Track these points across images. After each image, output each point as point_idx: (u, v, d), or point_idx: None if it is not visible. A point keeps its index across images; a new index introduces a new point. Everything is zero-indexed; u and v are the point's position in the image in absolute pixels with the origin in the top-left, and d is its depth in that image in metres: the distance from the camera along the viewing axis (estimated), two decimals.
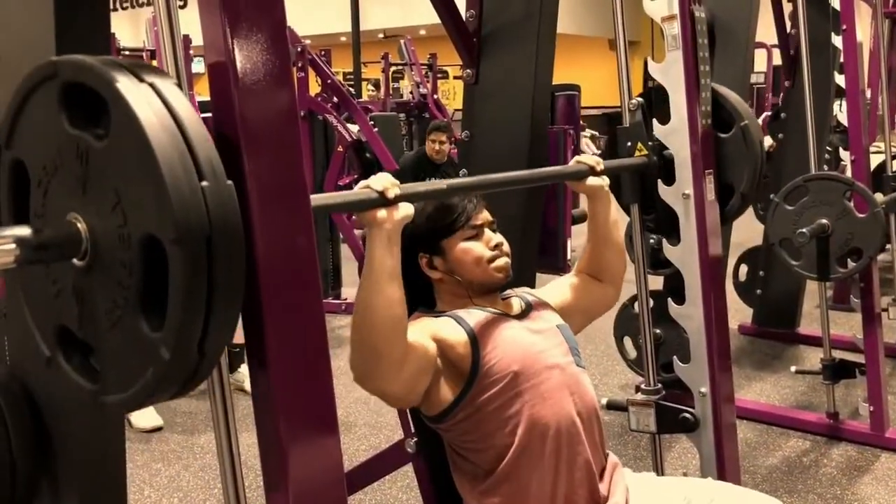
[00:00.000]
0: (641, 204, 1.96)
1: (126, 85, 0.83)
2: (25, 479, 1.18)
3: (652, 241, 2.81)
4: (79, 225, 0.88)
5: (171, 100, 0.84)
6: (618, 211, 1.86)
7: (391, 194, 1.29)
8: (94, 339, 0.91)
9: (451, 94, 13.19)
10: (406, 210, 1.33)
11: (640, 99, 1.94)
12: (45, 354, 0.96)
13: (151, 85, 0.84)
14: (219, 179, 0.84)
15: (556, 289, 1.81)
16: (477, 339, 1.52)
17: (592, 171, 1.73)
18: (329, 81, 5.36)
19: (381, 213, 1.29)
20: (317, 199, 1.13)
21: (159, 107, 0.83)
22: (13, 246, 0.84)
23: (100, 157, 0.86)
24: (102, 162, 0.86)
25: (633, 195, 1.94)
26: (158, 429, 3.30)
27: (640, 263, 1.99)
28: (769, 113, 6.23)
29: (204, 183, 0.82)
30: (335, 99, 5.45)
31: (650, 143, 1.93)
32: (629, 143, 1.94)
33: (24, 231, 0.86)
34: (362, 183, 1.31)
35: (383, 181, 1.30)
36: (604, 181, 1.75)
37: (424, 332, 1.50)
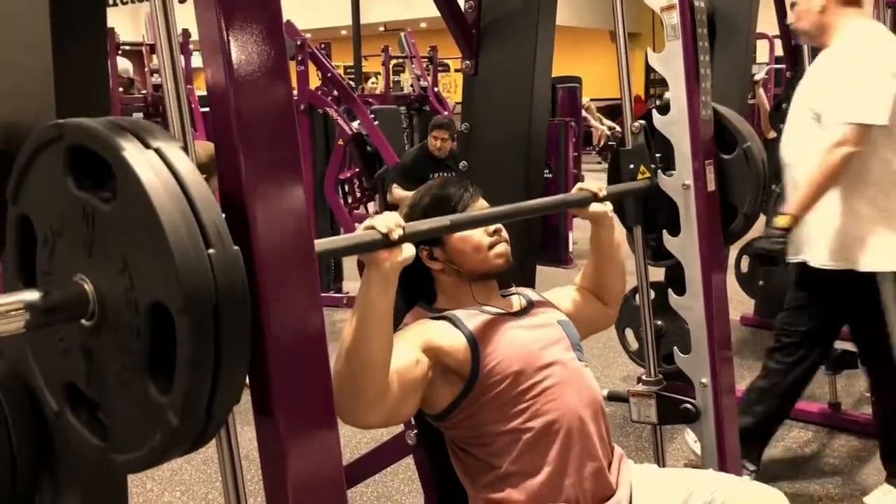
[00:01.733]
0: (644, 225, 1.96)
1: (131, 152, 0.83)
2: (26, 475, 1.19)
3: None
4: (86, 286, 0.88)
5: (177, 166, 0.84)
6: (620, 231, 1.87)
7: (395, 235, 1.26)
8: (102, 398, 0.91)
9: (452, 87, 13.17)
10: (408, 252, 1.29)
11: (642, 122, 1.94)
12: (53, 409, 0.96)
13: (157, 150, 0.84)
14: (226, 246, 0.84)
15: (559, 296, 1.81)
16: (476, 343, 1.51)
17: (595, 198, 1.73)
18: (329, 75, 5.36)
19: (382, 253, 1.27)
20: (321, 244, 1.13)
21: (165, 174, 0.83)
22: (23, 311, 0.85)
23: (106, 221, 0.86)
24: (109, 225, 0.86)
25: (636, 218, 1.95)
26: None
27: (640, 255, 1.98)
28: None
29: (211, 250, 0.82)
30: (335, 92, 5.44)
31: (653, 165, 1.92)
32: (631, 166, 1.94)
33: (33, 295, 0.86)
34: (367, 222, 1.29)
35: (388, 221, 1.27)
36: (607, 207, 1.75)
37: (417, 342, 1.48)
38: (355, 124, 5.19)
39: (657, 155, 1.94)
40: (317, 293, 1.03)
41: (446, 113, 7.57)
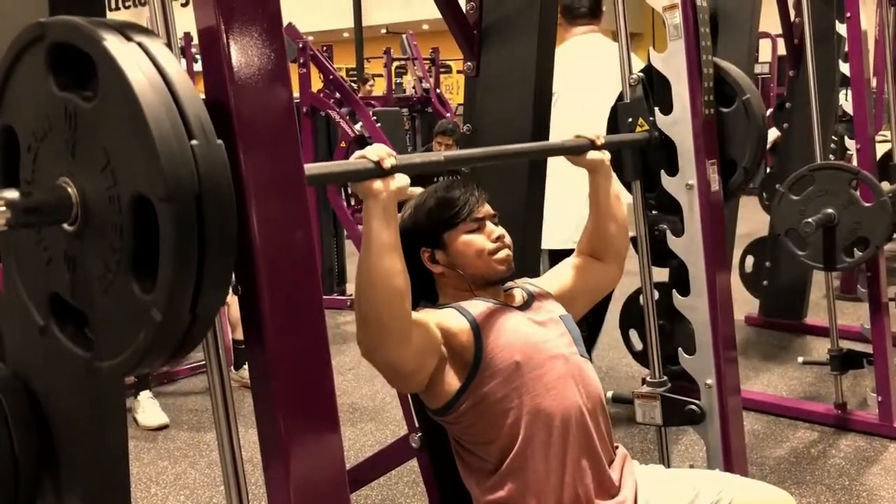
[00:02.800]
0: (643, 181, 1.94)
1: (114, 44, 0.82)
2: (29, 477, 1.18)
3: (657, 232, 2.80)
4: (69, 189, 0.87)
5: (160, 58, 0.83)
6: (619, 188, 1.84)
7: (387, 164, 1.29)
8: (87, 305, 0.90)
9: (455, 89, 13.15)
10: (402, 181, 1.32)
11: (640, 74, 1.93)
12: (38, 324, 0.96)
13: (140, 44, 0.84)
14: (209, 138, 0.83)
15: (558, 274, 1.80)
16: (479, 329, 1.52)
17: (593, 145, 1.72)
18: (331, 77, 5.36)
19: (377, 184, 1.29)
20: (311, 168, 1.13)
21: (148, 65, 0.82)
22: (3, 209, 0.83)
23: (88, 119, 0.85)
24: (91, 123, 0.85)
25: (634, 172, 1.93)
26: (164, 427, 3.30)
27: (643, 254, 1.97)
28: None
29: (193, 141, 0.82)
30: (337, 95, 5.44)
31: (651, 118, 1.91)
32: (630, 119, 1.93)
33: (14, 194, 0.85)
34: (358, 153, 1.31)
35: (379, 151, 1.30)
36: (604, 155, 1.75)
37: (429, 319, 1.50)
38: (357, 126, 5.18)
39: (656, 108, 1.92)
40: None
41: (448, 115, 7.56)
